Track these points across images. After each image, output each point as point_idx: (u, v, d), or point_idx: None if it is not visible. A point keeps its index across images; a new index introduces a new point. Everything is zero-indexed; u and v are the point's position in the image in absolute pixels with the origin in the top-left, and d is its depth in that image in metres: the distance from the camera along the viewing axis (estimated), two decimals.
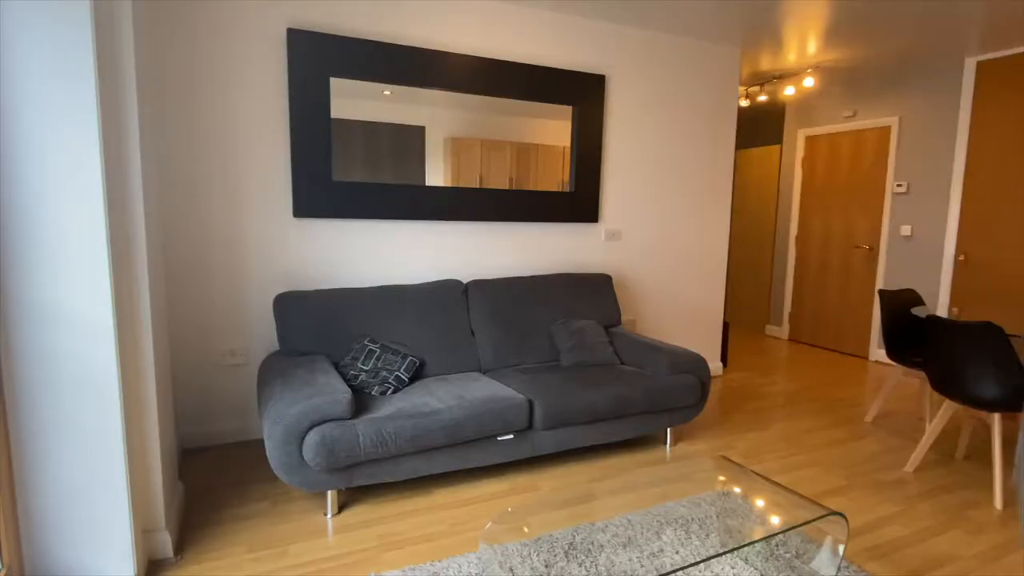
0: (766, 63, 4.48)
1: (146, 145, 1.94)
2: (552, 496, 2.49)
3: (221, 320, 2.87)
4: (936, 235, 4.54)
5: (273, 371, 2.46)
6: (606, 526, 2.06)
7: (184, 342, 2.81)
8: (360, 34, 2.96)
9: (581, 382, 2.73)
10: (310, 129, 2.88)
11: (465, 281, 3.25)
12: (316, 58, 2.85)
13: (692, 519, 2.07)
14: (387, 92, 3.07)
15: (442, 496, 2.42)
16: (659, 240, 4.01)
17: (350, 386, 2.50)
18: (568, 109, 3.55)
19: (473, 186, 3.35)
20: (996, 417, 2.49)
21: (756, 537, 1.86)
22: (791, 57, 4.30)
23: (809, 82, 4.63)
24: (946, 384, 2.60)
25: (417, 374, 2.77)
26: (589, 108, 3.59)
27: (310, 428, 2.09)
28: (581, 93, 3.55)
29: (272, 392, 2.23)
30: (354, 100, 2.99)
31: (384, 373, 2.59)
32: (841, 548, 1.70)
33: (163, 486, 1.93)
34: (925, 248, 4.62)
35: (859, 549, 2.09)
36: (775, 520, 1.93)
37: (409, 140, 3.18)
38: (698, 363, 2.92)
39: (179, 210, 2.73)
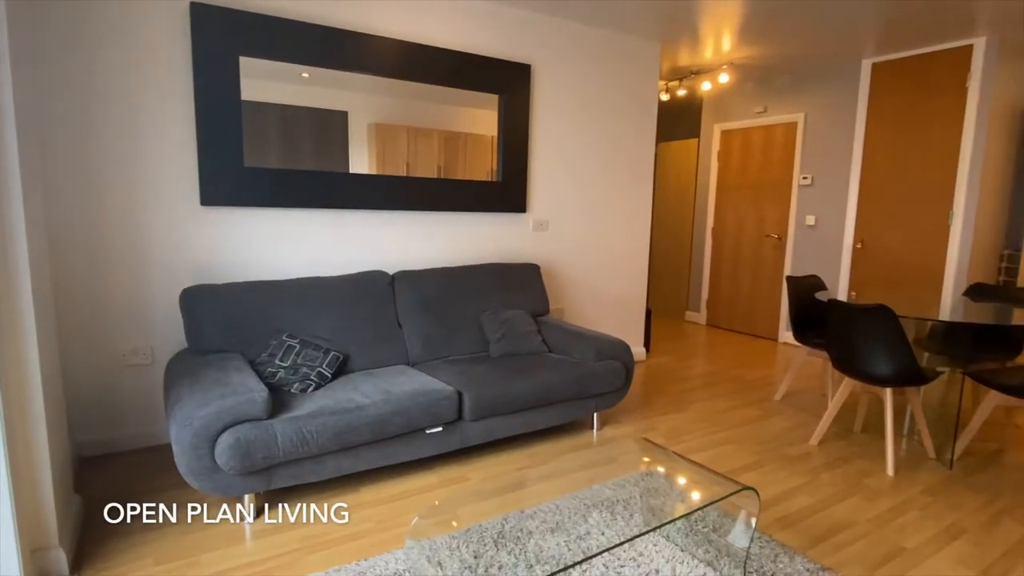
0: (684, 58, 4.64)
1: (26, 130, 1.74)
2: (482, 486, 2.48)
3: (122, 317, 2.64)
4: (837, 224, 4.88)
5: (181, 371, 2.30)
6: (535, 512, 2.07)
7: (81, 342, 2.57)
8: (272, 11, 2.79)
9: (510, 371, 2.74)
10: (218, 112, 2.69)
11: (391, 272, 3.16)
12: (223, 35, 2.66)
13: (617, 501, 2.13)
14: (305, 74, 2.92)
15: (369, 493, 2.36)
16: (585, 230, 4.07)
17: (268, 384, 2.38)
18: (495, 98, 3.53)
19: (400, 174, 3.26)
20: (888, 392, 2.72)
21: (676, 515, 1.93)
22: (708, 53, 4.47)
23: (724, 78, 4.83)
24: (845, 363, 2.81)
25: (341, 369, 2.67)
26: (516, 97, 3.58)
27: (223, 430, 1.97)
28: (508, 82, 3.53)
29: (180, 393, 2.08)
30: (268, 82, 2.82)
31: (305, 369, 2.48)
32: (753, 520, 1.80)
33: (55, 499, 1.76)
34: (828, 236, 4.96)
35: (770, 520, 2.22)
36: (695, 497, 2.02)
37: (331, 125, 3.05)
38: (623, 349, 3.00)
39: (71, 198, 2.48)
